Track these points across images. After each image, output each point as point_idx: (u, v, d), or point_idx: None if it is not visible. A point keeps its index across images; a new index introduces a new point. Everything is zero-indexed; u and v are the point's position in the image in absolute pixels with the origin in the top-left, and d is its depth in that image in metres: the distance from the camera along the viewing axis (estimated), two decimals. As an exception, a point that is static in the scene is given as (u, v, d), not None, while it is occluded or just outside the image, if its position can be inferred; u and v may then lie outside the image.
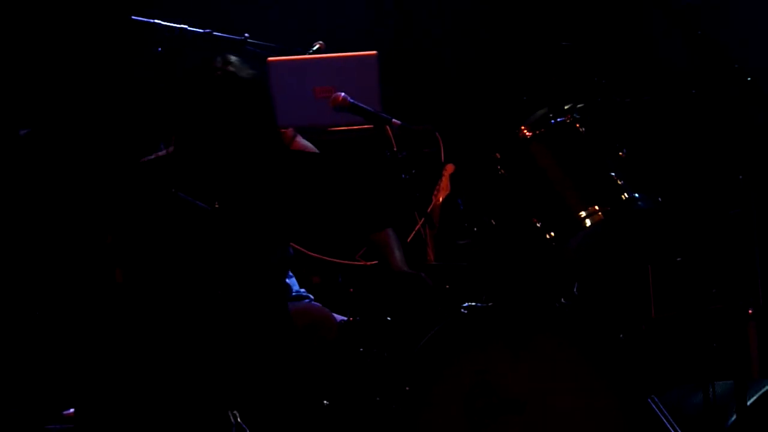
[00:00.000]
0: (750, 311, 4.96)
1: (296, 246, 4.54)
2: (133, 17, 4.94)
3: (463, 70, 6.00)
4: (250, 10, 5.91)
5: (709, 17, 5.91)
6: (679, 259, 4.94)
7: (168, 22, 4.83)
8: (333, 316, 4.30)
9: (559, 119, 4.35)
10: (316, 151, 4.73)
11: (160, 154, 4.13)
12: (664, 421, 4.15)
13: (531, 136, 4.34)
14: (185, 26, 4.78)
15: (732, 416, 4.31)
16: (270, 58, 4.84)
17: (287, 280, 4.43)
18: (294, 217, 4.15)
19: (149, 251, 4.01)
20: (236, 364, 3.98)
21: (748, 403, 4.30)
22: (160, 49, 4.85)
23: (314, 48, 5.04)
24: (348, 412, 4.20)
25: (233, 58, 4.01)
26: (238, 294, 4.00)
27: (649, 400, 4.14)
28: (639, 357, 4.35)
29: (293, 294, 4.45)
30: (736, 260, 5.60)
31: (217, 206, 3.99)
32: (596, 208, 4.26)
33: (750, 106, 4.22)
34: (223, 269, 4.01)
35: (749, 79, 4.13)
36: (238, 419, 3.90)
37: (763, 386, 4.47)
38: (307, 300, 4.44)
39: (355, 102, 4.36)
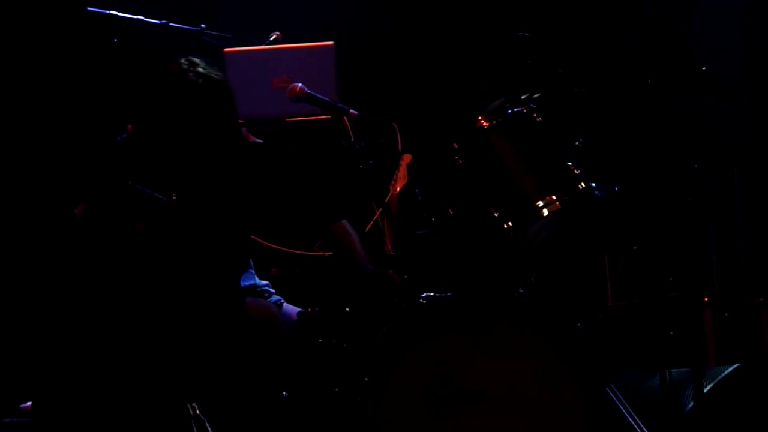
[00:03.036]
0: (705, 299, 5.01)
1: (255, 237, 4.50)
2: (89, 9, 4.88)
3: (420, 60, 5.99)
4: (207, 1, 5.88)
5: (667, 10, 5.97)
6: (635, 247, 4.94)
7: (124, 13, 4.77)
8: (277, 313, 4.27)
9: (515, 109, 4.32)
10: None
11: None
12: (621, 408, 4.13)
13: (488, 126, 4.32)
14: (142, 17, 4.73)
15: (689, 403, 4.32)
16: (227, 49, 4.83)
17: (249, 276, 4.39)
18: (252, 208, 4.12)
19: (108, 241, 3.96)
20: (193, 356, 3.94)
21: (705, 391, 4.31)
22: (116, 39, 4.80)
23: (271, 39, 5.03)
24: (307, 403, 4.18)
25: (199, 60, 3.98)
26: (196, 285, 3.97)
27: (607, 387, 4.13)
28: (596, 345, 4.35)
29: (258, 289, 4.41)
30: (692, 249, 5.64)
31: (174, 198, 3.96)
32: (553, 197, 4.24)
33: (704, 95, 4.22)
34: (181, 261, 3.97)
35: (704, 68, 4.15)
36: (197, 411, 3.87)
37: (719, 373, 4.48)
38: (268, 295, 4.40)
39: (313, 93, 4.36)
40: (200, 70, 3.97)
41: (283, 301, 4.39)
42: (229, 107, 4.06)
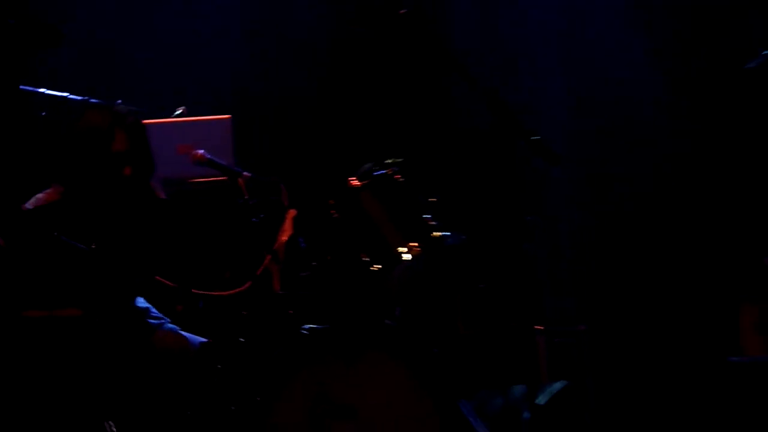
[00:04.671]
0: (539, 327, 5.05)
1: (162, 279, 4.44)
2: (21, 87, 4.78)
3: (304, 131, 6.00)
4: (125, 78, 5.82)
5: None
6: (482, 285, 4.98)
7: (52, 90, 4.69)
8: (188, 339, 4.22)
9: (381, 171, 4.36)
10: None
11: (39, 201, 4.03)
12: (471, 420, 4.13)
13: (359, 185, 4.34)
14: (66, 94, 4.65)
15: (527, 413, 4.35)
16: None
17: (147, 305, 4.33)
18: (161, 254, 4.07)
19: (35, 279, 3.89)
20: (107, 377, 3.89)
21: (540, 403, 4.35)
22: (44, 113, 4.72)
23: (178, 112, 4.99)
24: (207, 419, 4.11)
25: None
26: (107, 318, 3.93)
27: (459, 402, 4.13)
28: (450, 367, 4.36)
29: (156, 318, 4.34)
30: (527, 286, 5.71)
31: (93, 247, 3.90)
32: (413, 244, 4.27)
33: (536, 158, 4.28)
34: (95, 296, 3.95)
35: (535, 137, 4.20)
36: (113, 428, 3.79)
37: (551, 388, 4.53)
38: (163, 322, 4.33)
39: (212, 158, 4.33)
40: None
41: (178, 329, 4.33)
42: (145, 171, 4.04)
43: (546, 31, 6.13)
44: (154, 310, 4.30)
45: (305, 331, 4.18)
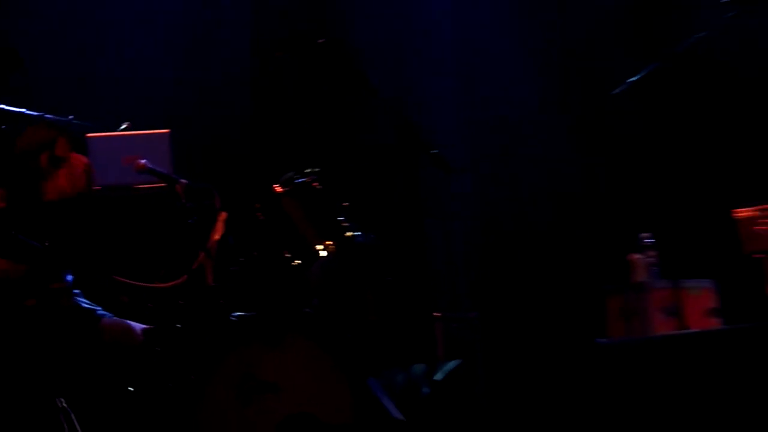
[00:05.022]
0: (436, 314, 5.05)
1: (114, 275, 4.44)
2: None
3: (234, 144, 5.99)
4: (77, 96, 5.79)
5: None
6: (388, 278, 5.05)
7: (10, 106, 4.67)
8: (134, 326, 4.26)
9: (301, 179, 4.39)
10: None
11: None
12: (378, 394, 4.21)
13: (282, 191, 4.39)
14: (24, 110, 4.65)
15: (426, 388, 4.42)
16: (89, 135, 4.76)
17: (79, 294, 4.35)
18: (108, 251, 4.09)
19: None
20: (59, 359, 3.90)
21: (437, 379, 4.41)
22: (4, 126, 4.71)
23: (123, 126, 4.95)
24: (148, 395, 4.13)
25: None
26: (56, 308, 3.96)
27: (369, 379, 4.21)
28: (361, 349, 4.39)
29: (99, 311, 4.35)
30: (427, 278, 5.78)
31: (47, 245, 3.93)
32: (329, 243, 4.32)
33: (434, 168, 4.35)
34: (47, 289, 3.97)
35: (433, 151, 4.27)
36: (64, 404, 3.80)
37: (447, 367, 4.58)
38: (106, 315, 4.34)
39: (153, 167, 4.26)
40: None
41: (113, 316, 4.35)
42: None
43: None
44: (84, 299, 4.27)
45: (234, 318, 4.21)
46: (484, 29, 6.14)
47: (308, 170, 4.42)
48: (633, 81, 4.12)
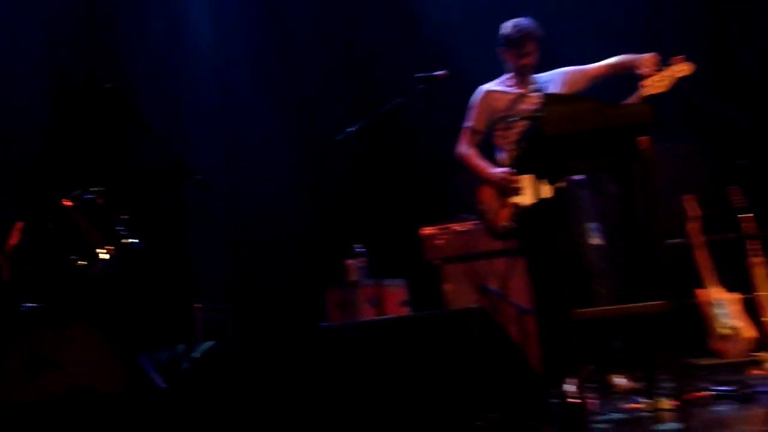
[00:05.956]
0: (197, 305, 5.00)
1: None
2: None
3: (31, 165, 5.64)
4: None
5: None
6: (160, 277, 4.91)
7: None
8: None
9: (88, 196, 4.25)
10: None
11: None
12: (147, 369, 4.10)
13: (71, 205, 4.22)
14: None
15: (185, 364, 4.38)
16: None
17: None
18: None
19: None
20: None
21: (195, 357, 4.37)
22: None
23: None
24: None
25: None
26: None
27: (139, 357, 4.10)
28: (132, 332, 4.28)
29: None
30: (190, 276, 5.67)
31: None
32: (109, 248, 4.17)
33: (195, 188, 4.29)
34: None
35: (198, 176, 4.29)
36: None
37: (204, 347, 4.54)
38: None
39: None
40: None
41: None
42: None
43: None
44: None
45: (24, 308, 4.02)
46: (245, 87, 6.20)
47: (93, 189, 4.29)
48: (351, 131, 4.31)
